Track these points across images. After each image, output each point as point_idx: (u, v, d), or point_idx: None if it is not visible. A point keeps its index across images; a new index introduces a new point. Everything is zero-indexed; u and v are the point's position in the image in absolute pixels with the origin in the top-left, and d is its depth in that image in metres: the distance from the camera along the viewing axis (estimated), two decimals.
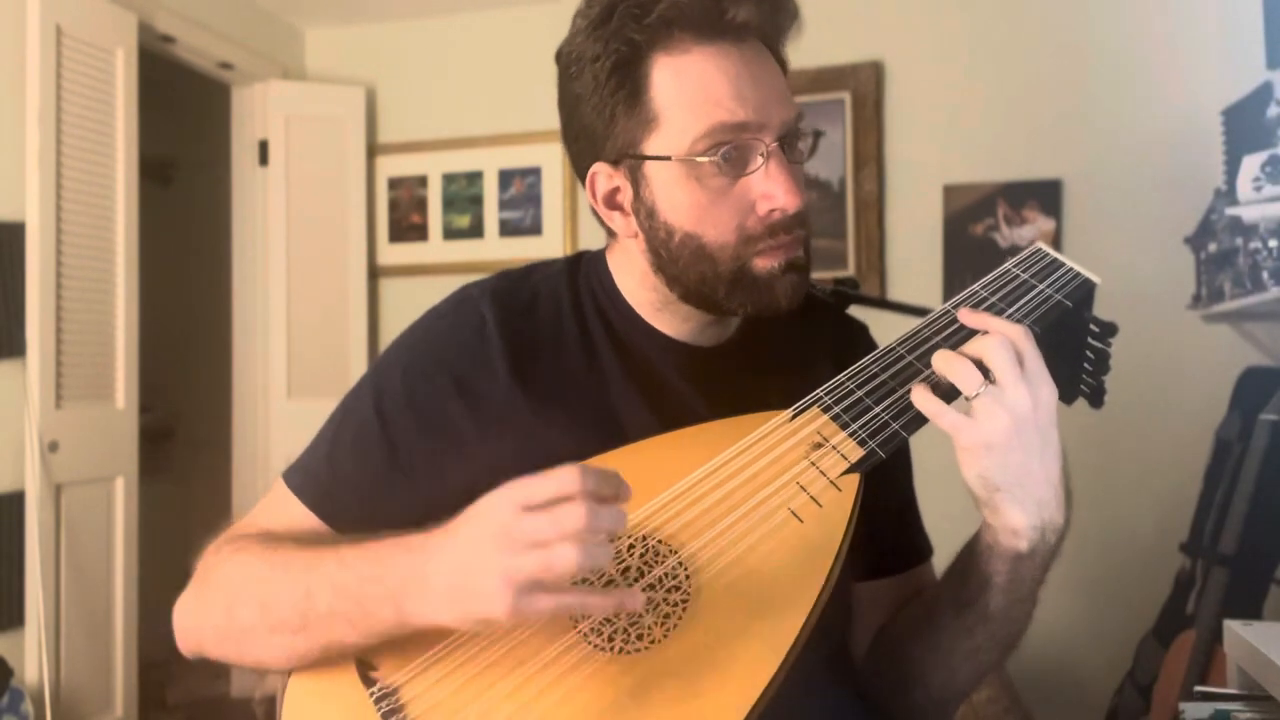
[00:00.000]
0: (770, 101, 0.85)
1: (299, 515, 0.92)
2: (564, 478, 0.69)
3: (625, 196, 0.91)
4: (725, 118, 0.84)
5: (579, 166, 0.93)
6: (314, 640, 0.80)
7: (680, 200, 0.87)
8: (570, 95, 0.90)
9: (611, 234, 0.96)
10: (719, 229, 0.87)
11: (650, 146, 0.86)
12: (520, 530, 0.69)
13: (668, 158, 0.86)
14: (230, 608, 0.85)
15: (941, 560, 0.95)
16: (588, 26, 0.87)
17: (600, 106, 0.87)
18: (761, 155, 0.85)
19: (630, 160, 0.88)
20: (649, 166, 0.87)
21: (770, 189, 0.85)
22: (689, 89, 0.84)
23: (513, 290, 0.97)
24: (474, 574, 0.70)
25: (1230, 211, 2.23)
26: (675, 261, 0.89)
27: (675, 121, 0.85)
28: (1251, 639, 1.21)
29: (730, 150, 0.85)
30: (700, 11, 0.83)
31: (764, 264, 0.87)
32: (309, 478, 0.94)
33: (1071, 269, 0.87)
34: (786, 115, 0.86)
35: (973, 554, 0.85)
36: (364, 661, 0.81)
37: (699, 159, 0.85)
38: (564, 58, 0.90)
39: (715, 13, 0.84)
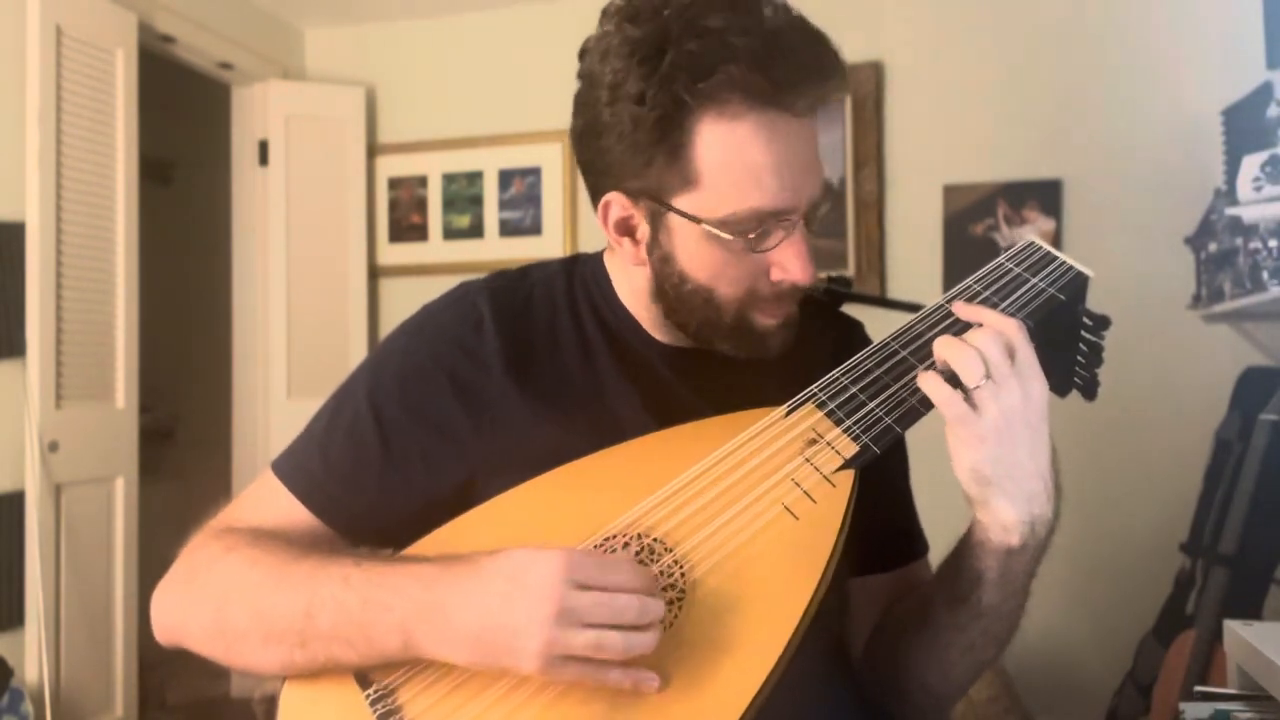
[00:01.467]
0: (806, 180, 0.85)
1: (288, 507, 0.91)
2: (623, 571, 0.73)
3: (641, 233, 0.90)
4: (765, 204, 0.83)
5: (590, 179, 0.92)
6: (312, 656, 0.80)
7: (700, 256, 0.87)
8: (597, 116, 0.86)
9: None
10: (732, 287, 0.88)
11: (682, 203, 0.85)
12: (578, 607, 0.71)
13: (698, 220, 0.85)
14: (220, 609, 0.84)
15: (935, 557, 0.95)
16: (631, 55, 0.82)
17: (635, 148, 0.84)
18: (784, 229, 0.86)
19: (655, 204, 0.87)
20: (674, 218, 0.86)
21: (786, 262, 0.86)
22: (734, 162, 0.83)
23: (510, 289, 0.97)
24: (511, 632, 0.71)
25: (1230, 211, 2.23)
26: (681, 303, 0.90)
27: (714, 189, 0.84)
28: (1251, 639, 1.20)
29: (761, 230, 0.85)
30: (758, 89, 0.81)
31: (763, 321, 0.90)
32: (300, 469, 0.93)
33: (1064, 262, 0.88)
34: (816, 192, 0.87)
35: (964, 550, 0.85)
36: None
37: (729, 234, 0.84)
38: (596, 77, 0.85)
39: (772, 94, 0.81)
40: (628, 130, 0.83)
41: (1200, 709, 1.23)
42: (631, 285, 0.95)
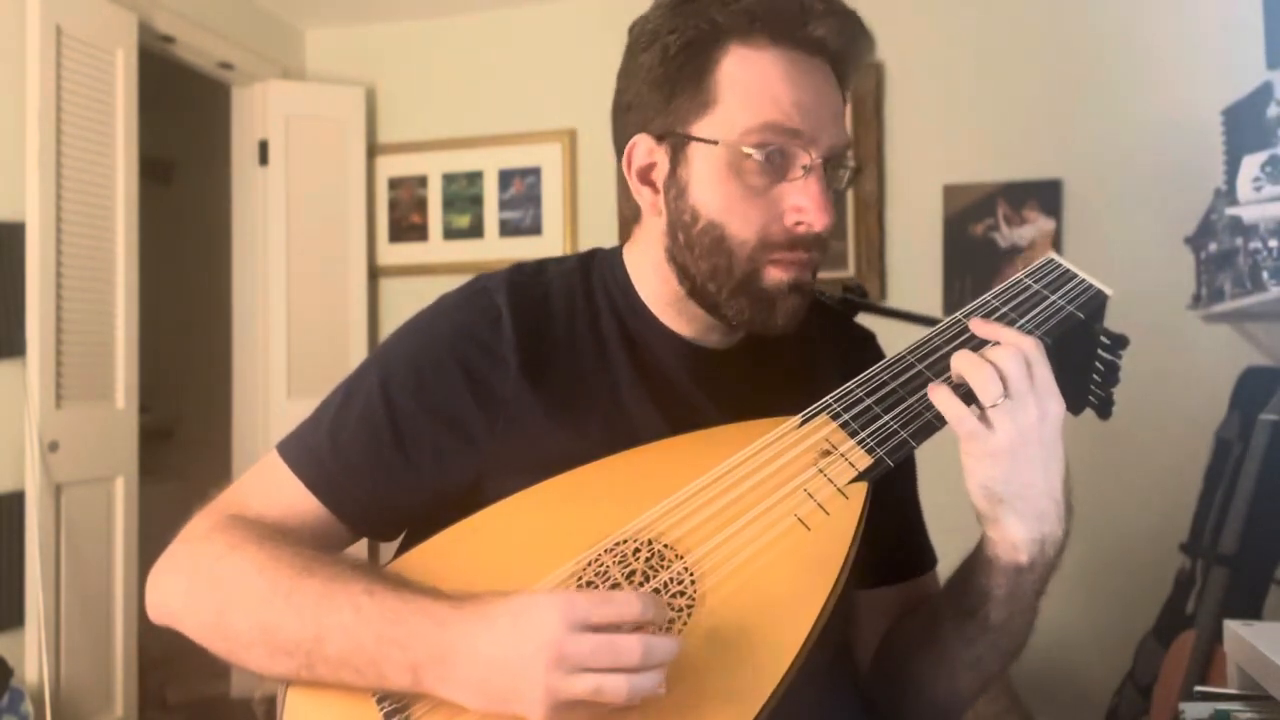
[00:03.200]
0: (826, 119, 0.87)
1: (295, 494, 0.89)
2: (626, 605, 0.70)
3: (660, 173, 0.91)
4: (780, 119, 0.85)
5: (620, 137, 0.94)
6: (318, 677, 0.79)
7: (714, 187, 0.87)
8: (634, 65, 0.91)
9: (635, 216, 0.96)
10: (743, 225, 0.87)
11: (700, 128, 0.87)
12: (577, 652, 0.69)
13: (715, 142, 0.86)
14: (224, 613, 0.82)
15: (944, 571, 0.95)
16: (671, 4, 0.88)
17: (662, 79, 0.88)
18: (804, 167, 0.86)
19: (675, 138, 0.89)
20: (693, 147, 0.88)
21: (803, 202, 0.86)
22: (753, 82, 0.85)
23: (528, 285, 0.95)
24: (515, 680, 0.70)
25: (1230, 211, 2.23)
26: (691, 248, 0.89)
27: (730, 108, 0.86)
28: (1251, 639, 1.20)
29: (776, 151, 0.85)
30: (784, 14, 0.85)
31: (774, 275, 0.88)
32: (308, 455, 0.91)
33: (1084, 280, 0.88)
34: (837, 140, 0.88)
35: (973, 567, 0.85)
36: None
37: (745, 150, 0.85)
38: (637, 31, 0.91)
39: (798, 20, 0.85)
40: (656, 64, 0.88)
41: (1200, 709, 1.23)
42: (648, 265, 0.94)
